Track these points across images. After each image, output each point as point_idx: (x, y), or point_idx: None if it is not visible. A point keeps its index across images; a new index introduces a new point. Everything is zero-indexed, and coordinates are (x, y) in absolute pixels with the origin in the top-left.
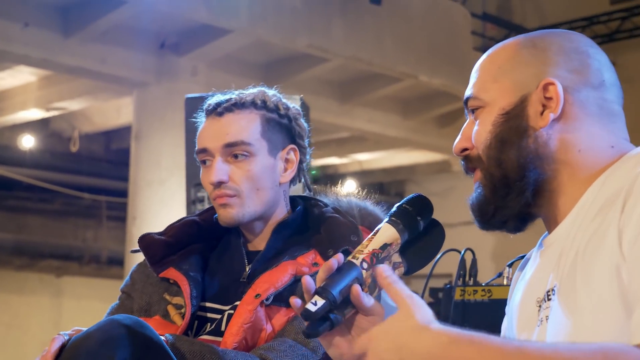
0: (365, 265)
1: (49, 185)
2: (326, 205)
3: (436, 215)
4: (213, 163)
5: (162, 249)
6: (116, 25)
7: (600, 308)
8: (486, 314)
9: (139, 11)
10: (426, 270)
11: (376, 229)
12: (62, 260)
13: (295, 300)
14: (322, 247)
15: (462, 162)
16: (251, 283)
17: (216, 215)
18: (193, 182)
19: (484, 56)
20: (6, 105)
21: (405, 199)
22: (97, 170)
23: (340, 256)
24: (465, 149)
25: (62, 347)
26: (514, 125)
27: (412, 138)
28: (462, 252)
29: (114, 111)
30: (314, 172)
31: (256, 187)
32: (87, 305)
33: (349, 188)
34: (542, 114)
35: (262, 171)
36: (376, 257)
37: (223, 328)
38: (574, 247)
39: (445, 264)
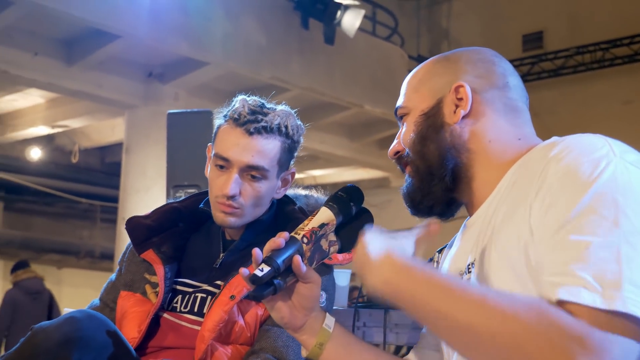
0: (305, 240)
1: (52, 191)
2: (295, 203)
3: (375, 224)
4: (230, 174)
5: (145, 231)
6: (111, 56)
7: (508, 278)
8: None
9: (131, 45)
10: None
11: (316, 211)
12: (62, 254)
13: (243, 270)
14: None
15: (397, 163)
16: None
17: (201, 205)
18: (172, 184)
19: (409, 74)
20: (18, 122)
21: (341, 188)
22: (93, 180)
23: (285, 234)
24: (398, 152)
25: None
26: (431, 123)
27: (357, 158)
28: None
29: (109, 129)
30: None
31: (257, 204)
32: (82, 292)
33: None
34: (455, 112)
35: (267, 191)
36: (315, 234)
37: (196, 310)
38: (490, 227)
39: None
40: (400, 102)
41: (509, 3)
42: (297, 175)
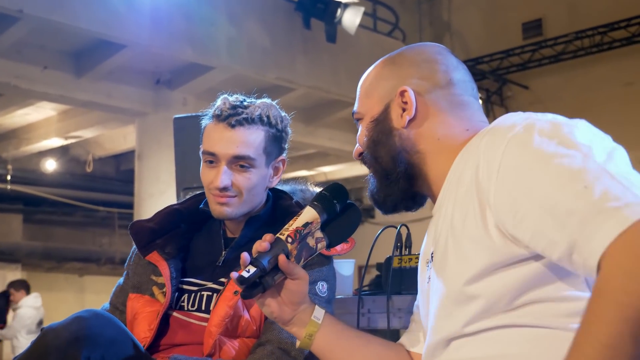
0: (290, 239)
1: (70, 201)
2: (292, 198)
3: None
4: (219, 167)
5: (148, 235)
6: (119, 66)
7: (463, 259)
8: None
9: (137, 54)
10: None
11: (300, 211)
12: (83, 262)
13: (233, 273)
14: None
15: (362, 163)
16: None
17: (201, 205)
18: (182, 187)
19: (362, 77)
20: (32, 136)
21: (325, 187)
22: (109, 188)
23: (270, 235)
24: (361, 153)
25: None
26: (381, 129)
27: None
28: (398, 228)
29: (121, 137)
30: None
31: (252, 193)
32: (105, 298)
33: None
34: (401, 116)
35: (259, 180)
36: (299, 233)
37: (203, 307)
38: (442, 215)
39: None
40: (355, 107)
41: None
42: (308, 173)
